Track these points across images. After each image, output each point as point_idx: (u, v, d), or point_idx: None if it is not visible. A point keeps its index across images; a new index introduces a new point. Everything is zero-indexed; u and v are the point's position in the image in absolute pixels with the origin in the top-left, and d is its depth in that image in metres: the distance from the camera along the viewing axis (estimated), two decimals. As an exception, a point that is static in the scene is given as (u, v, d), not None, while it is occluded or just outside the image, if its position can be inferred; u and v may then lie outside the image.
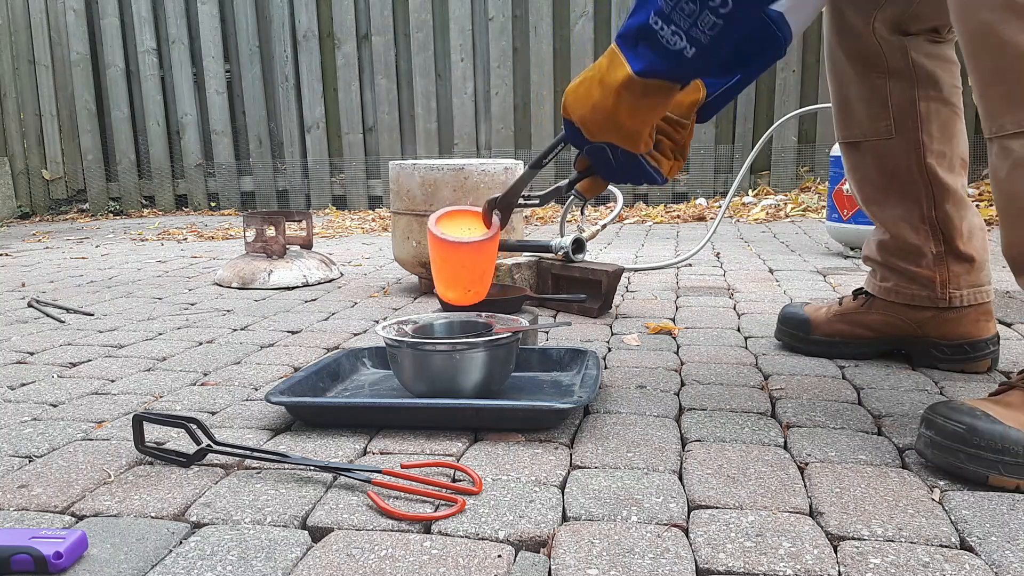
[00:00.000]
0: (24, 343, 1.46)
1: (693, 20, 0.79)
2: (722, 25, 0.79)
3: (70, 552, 0.64)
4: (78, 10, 4.38)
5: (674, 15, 0.79)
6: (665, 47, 0.81)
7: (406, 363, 1.00)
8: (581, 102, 0.91)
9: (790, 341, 1.29)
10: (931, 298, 1.14)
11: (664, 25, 0.80)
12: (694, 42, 0.80)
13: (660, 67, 0.83)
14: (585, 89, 0.90)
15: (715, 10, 0.78)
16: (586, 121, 0.92)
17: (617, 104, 0.86)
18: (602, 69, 0.87)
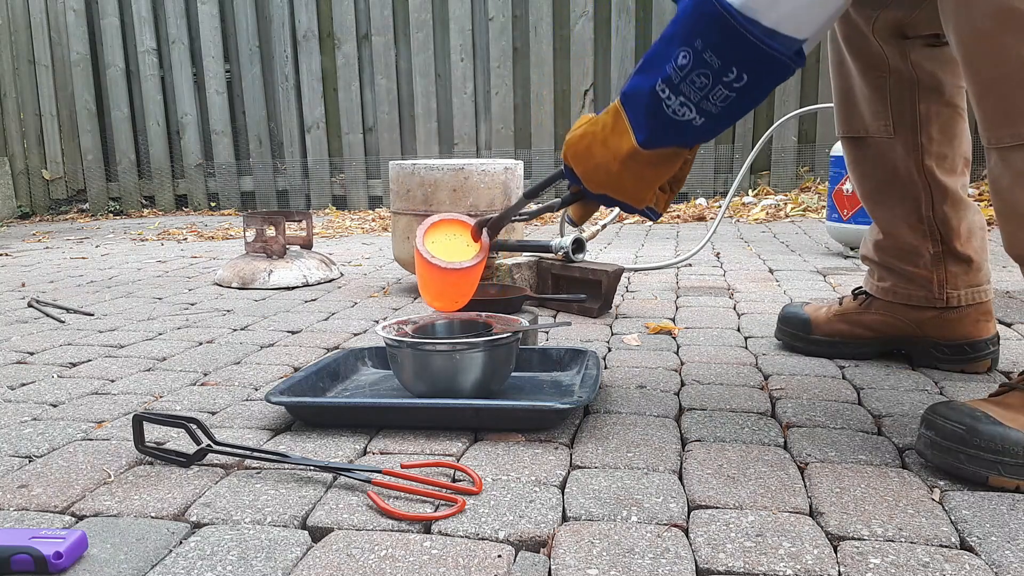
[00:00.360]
0: (24, 343, 1.46)
1: (704, 94, 0.76)
2: (735, 97, 0.76)
3: (70, 552, 0.64)
4: (78, 10, 4.38)
5: (683, 87, 0.76)
6: (672, 117, 0.78)
7: (406, 363, 1.00)
8: (582, 158, 0.88)
9: (790, 341, 1.29)
10: (928, 298, 1.14)
11: (672, 95, 0.77)
12: (704, 113, 0.77)
13: (666, 139, 0.80)
14: (586, 146, 0.87)
15: (729, 85, 0.75)
16: (588, 178, 0.89)
17: (622, 171, 0.84)
18: (606, 129, 0.84)
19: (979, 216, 1.14)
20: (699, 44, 0.73)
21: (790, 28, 0.72)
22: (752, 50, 0.72)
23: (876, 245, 1.20)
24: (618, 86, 3.99)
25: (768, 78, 0.75)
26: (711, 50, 0.73)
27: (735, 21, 0.71)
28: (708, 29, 0.73)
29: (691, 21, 0.74)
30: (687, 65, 0.74)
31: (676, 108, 0.77)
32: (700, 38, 0.73)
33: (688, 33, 0.74)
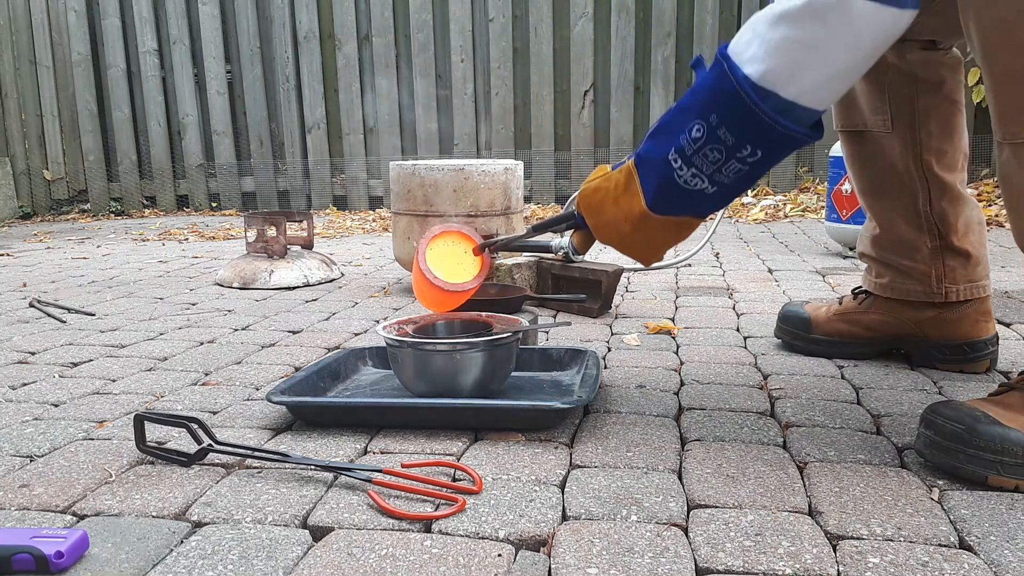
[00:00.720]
0: (25, 343, 1.46)
1: (717, 167, 0.76)
2: (748, 170, 0.77)
3: (71, 551, 0.64)
4: (79, 11, 4.38)
5: (696, 159, 0.76)
6: (683, 187, 0.79)
7: (407, 363, 1.00)
8: (594, 212, 0.88)
9: (790, 340, 1.29)
10: (927, 293, 1.14)
11: (684, 166, 0.77)
12: (716, 183, 0.78)
13: (677, 207, 0.81)
14: (599, 201, 0.87)
15: (743, 160, 0.75)
16: (598, 231, 0.89)
17: (632, 232, 0.85)
18: (618, 188, 0.84)
19: (977, 211, 1.13)
20: (714, 120, 0.74)
21: (810, 101, 0.72)
22: (767, 130, 0.72)
23: (873, 240, 1.19)
24: (618, 86, 4.00)
25: (783, 152, 0.76)
26: (726, 127, 0.74)
27: (751, 101, 0.71)
28: (724, 106, 0.73)
29: (708, 95, 0.74)
30: (701, 139, 0.75)
31: (688, 179, 0.78)
32: (715, 114, 0.74)
33: (704, 107, 0.75)
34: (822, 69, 0.71)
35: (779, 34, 0.70)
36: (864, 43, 0.70)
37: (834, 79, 0.72)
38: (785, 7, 0.70)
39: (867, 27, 0.69)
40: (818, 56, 0.70)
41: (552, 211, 3.87)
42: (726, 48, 0.75)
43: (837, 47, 0.69)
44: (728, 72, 0.72)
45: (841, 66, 0.71)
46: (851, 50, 0.70)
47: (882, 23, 0.68)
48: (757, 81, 0.71)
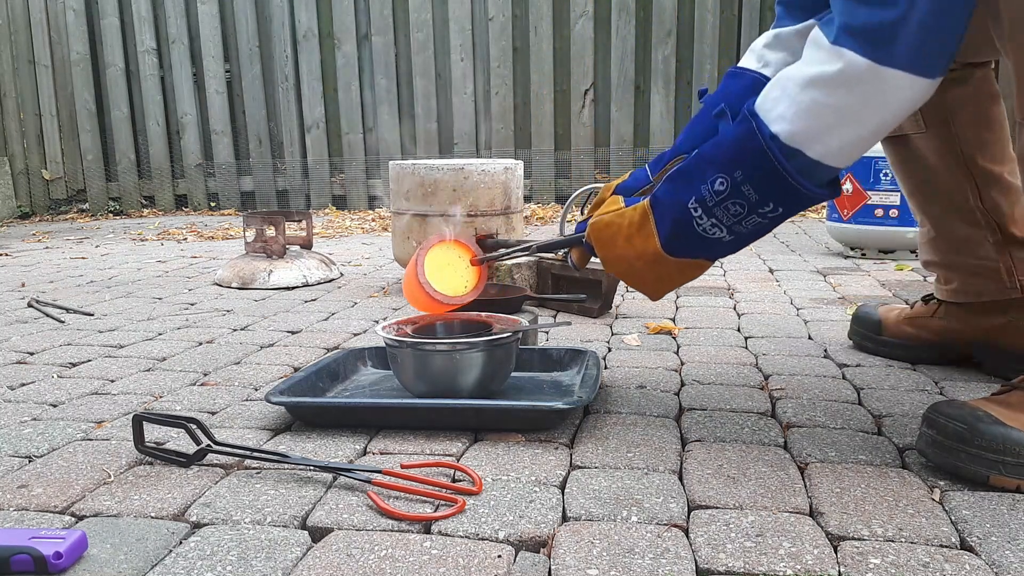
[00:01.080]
0: (24, 343, 1.46)
1: (738, 220, 0.78)
2: (767, 223, 0.79)
3: (70, 552, 0.64)
4: (78, 10, 4.38)
5: (717, 211, 0.78)
6: (701, 235, 0.80)
7: (406, 363, 1.00)
8: (605, 245, 0.89)
9: (861, 341, 1.28)
10: (1001, 290, 1.10)
11: (704, 216, 0.79)
12: (735, 233, 0.80)
13: (693, 251, 0.83)
14: (611, 236, 0.88)
15: (764, 215, 0.77)
16: (608, 264, 0.91)
17: (644, 269, 0.86)
18: (632, 227, 0.85)
19: None
20: (739, 176, 0.76)
21: (834, 160, 0.75)
22: (792, 191, 0.75)
23: (933, 245, 1.16)
24: (618, 86, 4.00)
25: (802, 208, 0.78)
26: (750, 184, 0.75)
27: (779, 162, 0.74)
28: (750, 165, 0.75)
29: (733, 151, 0.76)
30: (723, 192, 0.77)
31: (707, 227, 0.80)
32: (741, 170, 0.75)
33: (728, 162, 0.76)
34: (849, 132, 0.73)
35: (809, 97, 0.73)
36: (892, 109, 0.72)
37: (859, 141, 0.75)
38: (818, 72, 0.72)
39: (896, 95, 0.71)
40: (846, 120, 0.73)
41: (552, 210, 3.87)
42: (753, 105, 0.76)
43: (866, 113, 0.72)
44: (756, 131, 0.74)
45: (867, 130, 0.74)
46: (879, 115, 0.73)
47: (912, 91, 0.71)
48: (786, 141, 0.73)
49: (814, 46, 0.75)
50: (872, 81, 0.70)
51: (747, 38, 3.83)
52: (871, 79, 0.70)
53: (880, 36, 0.69)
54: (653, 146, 3.99)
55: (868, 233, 2.23)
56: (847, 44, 0.70)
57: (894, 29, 0.68)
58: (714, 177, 0.77)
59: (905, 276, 2.00)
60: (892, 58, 0.69)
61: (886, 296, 1.76)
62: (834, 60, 0.71)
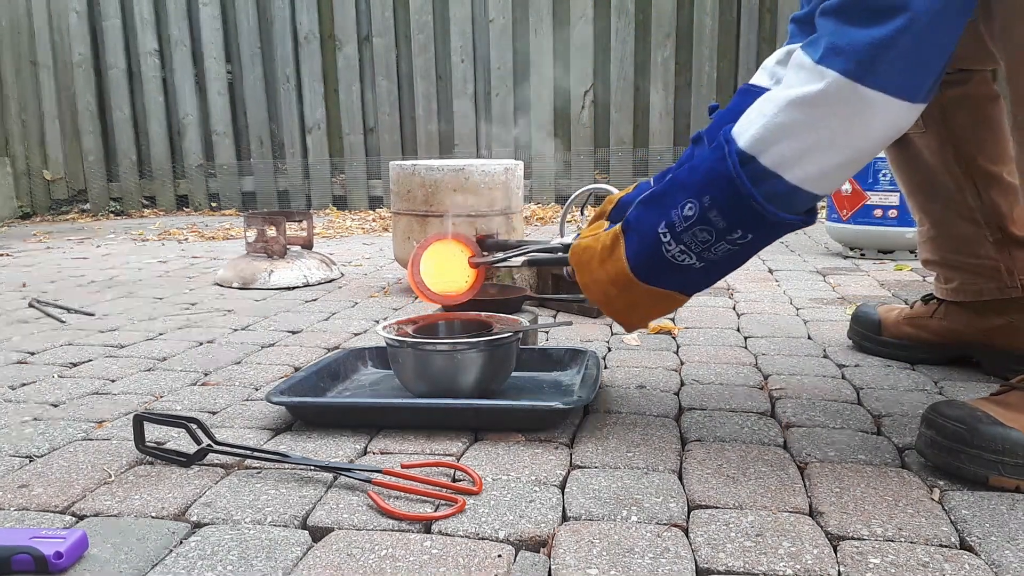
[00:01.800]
0: (25, 343, 1.46)
1: (707, 247, 0.76)
2: (739, 250, 0.77)
3: (70, 552, 0.64)
4: (80, 12, 4.38)
5: (685, 237, 0.76)
6: (670, 261, 0.78)
7: (407, 363, 1.00)
8: (583, 269, 0.87)
9: (860, 340, 1.28)
10: (1001, 288, 1.10)
11: (673, 241, 0.77)
12: (704, 260, 0.78)
13: (663, 278, 0.81)
14: (587, 260, 0.86)
15: (733, 242, 0.75)
16: (585, 288, 0.88)
17: (617, 295, 0.84)
18: (604, 250, 0.83)
19: None
20: (707, 201, 0.73)
21: (812, 187, 0.73)
22: (760, 218, 0.73)
23: (933, 244, 1.16)
24: (618, 88, 4.00)
25: (775, 236, 0.76)
26: (717, 209, 0.73)
27: (743, 186, 0.71)
28: (718, 191, 0.73)
29: (703, 176, 0.74)
30: (692, 217, 0.75)
31: (676, 254, 0.78)
32: (709, 195, 0.73)
33: (698, 187, 0.74)
34: (830, 157, 0.71)
35: (790, 118, 0.71)
36: (874, 133, 0.71)
37: (840, 167, 0.73)
38: (799, 93, 0.70)
39: (880, 118, 0.69)
40: (826, 143, 0.70)
41: (552, 210, 3.87)
42: (731, 130, 0.74)
43: (847, 136, 0.70)
44: (727, 156, 0.72)
45: (848, 155, 0.72)
46: (860, 139, 0.71)
47: (895, 114, 0.69)
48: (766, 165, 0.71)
49: (796, 67, 0.73)
50: (855, 102, 0.68)
51: (746, 41, 3.84)
52: (854, 100, 0.68)
53: (867, 56, 0.67)
54: (652, 147, 4.00)
55: (867, 233, 2.23)
56: (832, 64, 0.69)
57: (882, 49, 0.67)
58: (683, 202, 0.75)
59: (904, 276, 2.00)
60: (877, 79, 0.68)
61: (885, 296, 1.76)
62: (817, 79, 0.69)
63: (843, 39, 0.69)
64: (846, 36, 0.68)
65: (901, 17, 0.66)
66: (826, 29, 0.71)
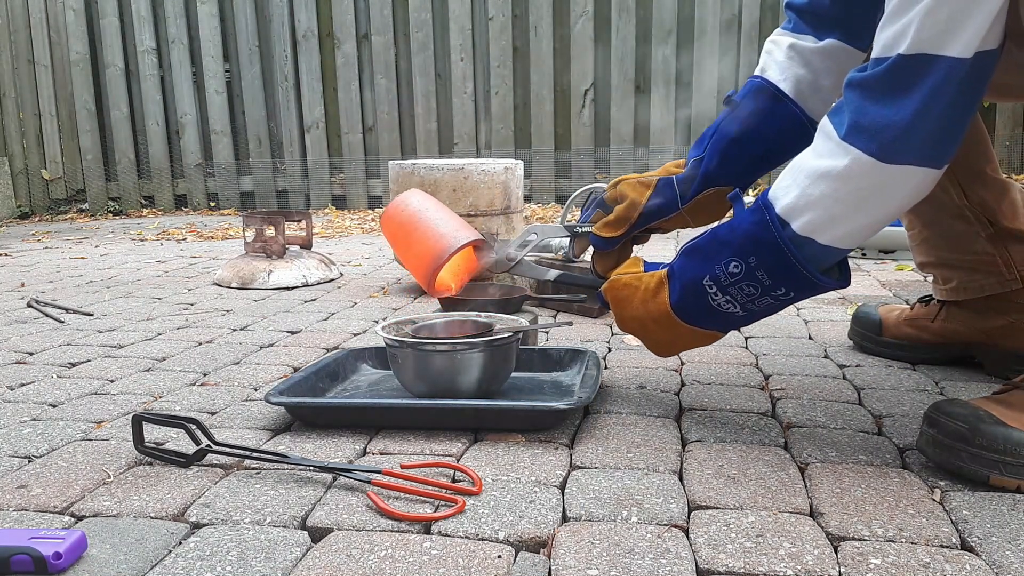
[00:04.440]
0: (23, 343, 1.46)
1: (751, 299, 0.82)
2: (778, 304, 0.83)
3: (69, 552, 0.64)
4: (77, 10, 4.38)
5: (731, 290, 0.82)
6: (715, 308, 0.84)
7: (406, 363, 1.00)
8: (621, 304, 0.94)
9: (861, 341, 1.27)
10: (1001, 282, 1.10)
11: (719, 293, 0.83)
12: (747, 310, 0.84)
13: (706, 322, 0.87)
14: (627, 296, 0.93)
15: (776, 297, 0.81)
16: (622, 320, 0.95)
17: (657, 330, 0.91)
18: (647, 292, 0.89)
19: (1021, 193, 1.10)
20: (753, 262, 0.80)
21: (844, 244, 0.78)
22: (804, 279, 0.79)
23: (926, 245, 1.16)
24: (618, 86, 3.99)
25: (813, 294, 0.82)
26: (764, 271, 0.79)
27: (792, 255, 0.77)
28: (765, 254, 0.79)
29: (749, 240, 0.80)
30: (738, 275, 0.81)
31: (721, 303, 0.84)
32: (755, 257, 0.79)
33: (743, 249, 0.80)
34: (858, 221, 0.76)
35: (819, 191, 0.75)
36: (899, 199, 0.75)
37: (867, 227, 0.78)
38: (827, 166, 0.75)
39: (905, 187, 0.74)
40: (854, 212, 0.76)
41: (552, 210, 3.87)
42: (767, 195, 0.80)
43: (873, 204, 0.75)
44: (770, 224, 0.78)
45: (875, 218, 0.77)
46: (886, 206, 0.75)
47: (921, 181, 0.73)
48: (798, 231, 0.77)
49: (824, 137, 0.76)
50: (879, 176, 0.72)
51: (747, 38, 3.83)
52: (878, 175, 0.72)
53: (889, 136, 0.70)
54: (653, 146, 4.00)
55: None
56: (855, 142, 0.72)
57: (903, 131, 0.70)
58: (728, 260, 0.81)
59: (905, 276, 2.00)
60: (900, 156, 0.71)
61: (886, 296, 1.76)
62: (842, 156, 0.73)
63: (865, 117, 0.72)
64: (868, 115, 0.72)
65: (917, 97, 0.69)
66: (850, 103, 0.74)
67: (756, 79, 0.97)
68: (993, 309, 1.12)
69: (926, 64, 0.68)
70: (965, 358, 1.17)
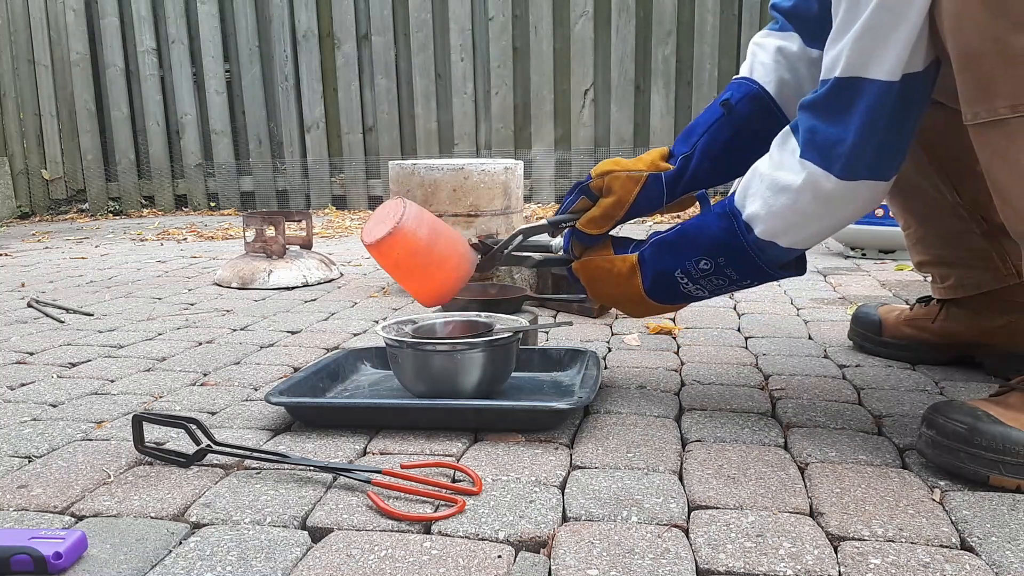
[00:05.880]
0: (24, 343, 1.46)
1: (719, 288, 0.93)
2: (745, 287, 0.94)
3: (70, 552, 0.64)
4: (77, 10, 4.38)
5: (702, 281, 0.92)
6: (685, 293, 0.95)
7: (406, 363, 1.00)
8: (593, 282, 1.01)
9: (860, 341, 1.27)
10: (998, 278, 1.10)
11: (689, 283, 0.93)
12: (713, 293, 0.95)
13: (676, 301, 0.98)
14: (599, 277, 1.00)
15: (741, 285, 0.92)
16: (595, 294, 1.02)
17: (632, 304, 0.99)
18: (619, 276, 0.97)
19: None
20: (722, 261, 0.89)
21: (802, 246, 0.87)
22: (765, 275, 0.90)
23: (922, 244, 1.17)
24: (618, 86, 3.99)
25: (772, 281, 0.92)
26: (732, 268, 0.90)
27: (757, 257, 0.87)
28: (732, 256, 0.89)
29: (718, 244, 0.89)
30: (708, 271, 0.91)
31: (692, 290, 0.94)
32: (724, 258, 0.89)
33: (713, 250, 0.89)
34: (815, 227, 0.85)
35: (780, 203, 0.83)
36: (853, 209, 0.83)
37: (825, 232, 0.87)
38: (786, 180, 0.82)
39: (856, 198, 0.81)
40: (812, 221, 0.84)
41: (552, 211, 3.87)
42: (733, 202, 0.88)
43: (829, 214, 0.83)
44: (738, 232, 0.87)
45: (832, 225, 0.86)
46: (841, 215, 0.84)
47: (870, 193, 0.81)
48: (761, 236, 0.86)
49: (782, 149, 0.84)
50: (832, 190, 0.79)
51: (747, 38, 3.83)
52: (831, 189, 0.79)
53: (839, 153, 0.78)
54: (653, 145, 3.99)
55: (868, 233, 2.23)
56: (809, 157, 0.80)
57: (850, 148, 0.77)
58: (698, 258, 0.90)
59: (905, 276, 2.00)
60: (851, 172, 0.78)
61: (886, 296, 1.76)
62: (799, 171, 0.81)
63: (817, 136, 0.79)
64: (818, 133, 0.79)
65: (857, 116, 0.75)
66: (804, 122, 0.81)
67: (750, 84, 0.98)
68: (992, 309, 1.12)
69: (858, 86, 0.75)
70: (965, 358, 1.17)
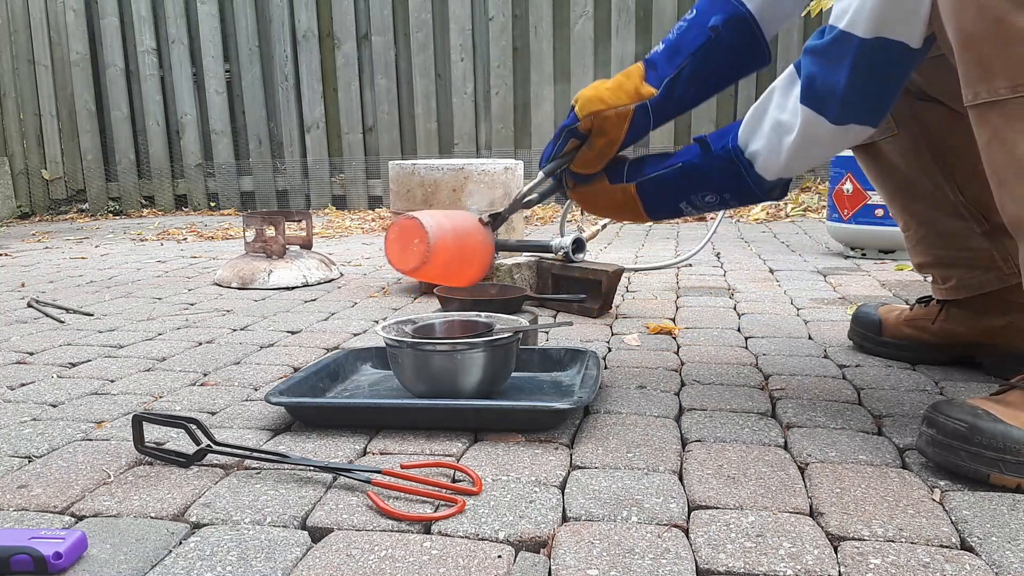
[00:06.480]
0: (24, 343, 1.46)
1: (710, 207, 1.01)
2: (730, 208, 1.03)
3: (70, 552, 0.64)
4: (78, 10, 4.38)
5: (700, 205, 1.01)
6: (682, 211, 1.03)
7: (406, 363, 1.00)
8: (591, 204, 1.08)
9: (860, 341, 1.27)
10: (1000, 278, 1.10)
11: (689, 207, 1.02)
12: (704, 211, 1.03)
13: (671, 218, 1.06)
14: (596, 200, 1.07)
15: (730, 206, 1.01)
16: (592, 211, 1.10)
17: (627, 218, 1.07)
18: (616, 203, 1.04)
19: None
20: (727, 196, 0.98)
21: (790, 175, 0.95)
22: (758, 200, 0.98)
23: (923, 244, 1.17)
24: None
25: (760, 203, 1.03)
26: (733, 198, 0.98)
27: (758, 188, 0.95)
28: (737, 191, 0.97)
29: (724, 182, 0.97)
30: (712, 202, 1.00)
31: (688, 210, 1.02)
32: (728, 193, 0.98)
33: (719, 187, 0.98)
34: (807, 162, 0.93)
35: (780, 141, 0.90)
36: (841, 146, 0.91)
37: (814, 164, 0.95)
38: (788, 122, 0.89)
39: (846, 139, 0.88)
40: (805, 155, 0.91)
41: (552, 210, 3.87)
42: (736, 141, 0.94)
43: (821, 150, 0.91)
44: (743, 172, 0.94)
45: (821, 159, 0.94)
46: (831, 150, 0.92)
47: (859, 134, 0.88)
48: (760, 171, 0.94)
49: (786, 93, 0.89)
50: (827, 133, 0.86)
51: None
52: (826, 132, 0.86)
53: (832, 99, 0.84)
54: (653, 145, 3.99)
55: (868, 233, 2.23)
56: (807, 102, 0.85)
57: (842, 96, 0.82)
58: (704, 193, 0.99)
59: (905, 276, 2.00)
60: (843, 117, 0.84)
61: (886, 296, 1.76)
62: (799, 114, 0.87)
63: (815, 83, 0.84)
64: (816, 80, 0.84)
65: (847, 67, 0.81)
66: (806, 67, 0.86)
67: (735, 5, 0.97)
68: (993, 309, 1.12)
69: (848, 41, 0.80)
70: (965, 358, 1.17)
